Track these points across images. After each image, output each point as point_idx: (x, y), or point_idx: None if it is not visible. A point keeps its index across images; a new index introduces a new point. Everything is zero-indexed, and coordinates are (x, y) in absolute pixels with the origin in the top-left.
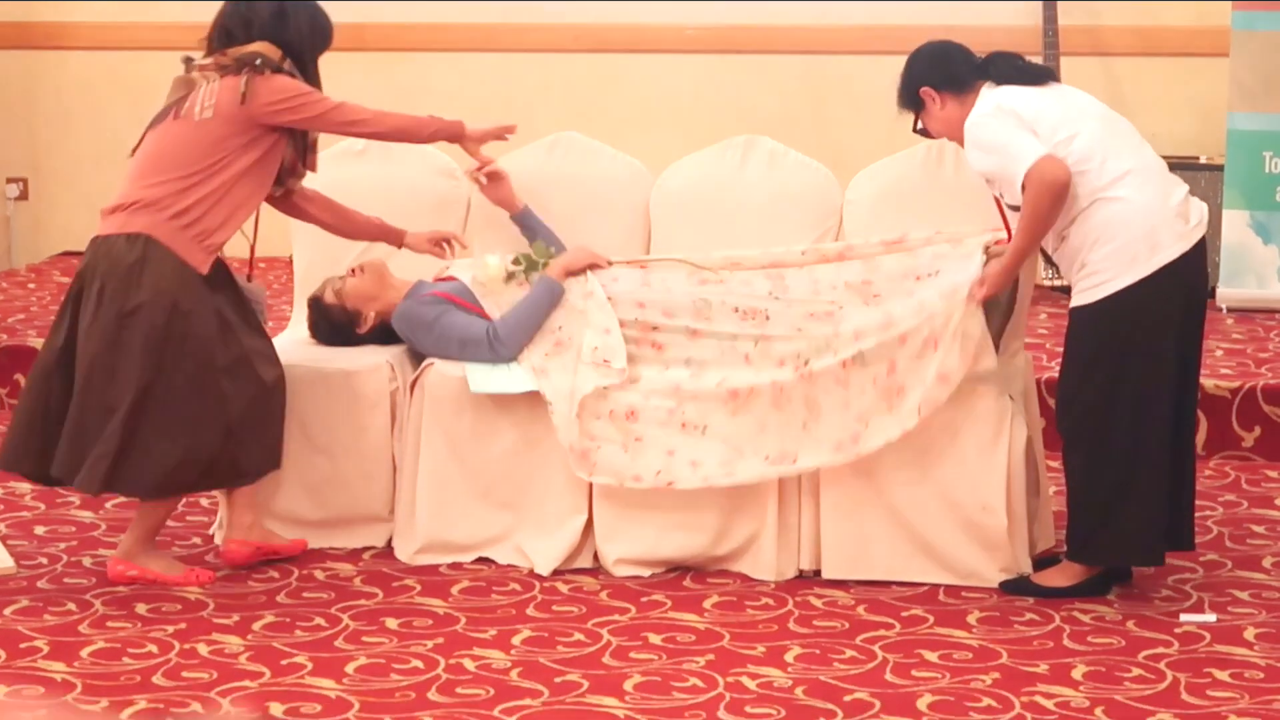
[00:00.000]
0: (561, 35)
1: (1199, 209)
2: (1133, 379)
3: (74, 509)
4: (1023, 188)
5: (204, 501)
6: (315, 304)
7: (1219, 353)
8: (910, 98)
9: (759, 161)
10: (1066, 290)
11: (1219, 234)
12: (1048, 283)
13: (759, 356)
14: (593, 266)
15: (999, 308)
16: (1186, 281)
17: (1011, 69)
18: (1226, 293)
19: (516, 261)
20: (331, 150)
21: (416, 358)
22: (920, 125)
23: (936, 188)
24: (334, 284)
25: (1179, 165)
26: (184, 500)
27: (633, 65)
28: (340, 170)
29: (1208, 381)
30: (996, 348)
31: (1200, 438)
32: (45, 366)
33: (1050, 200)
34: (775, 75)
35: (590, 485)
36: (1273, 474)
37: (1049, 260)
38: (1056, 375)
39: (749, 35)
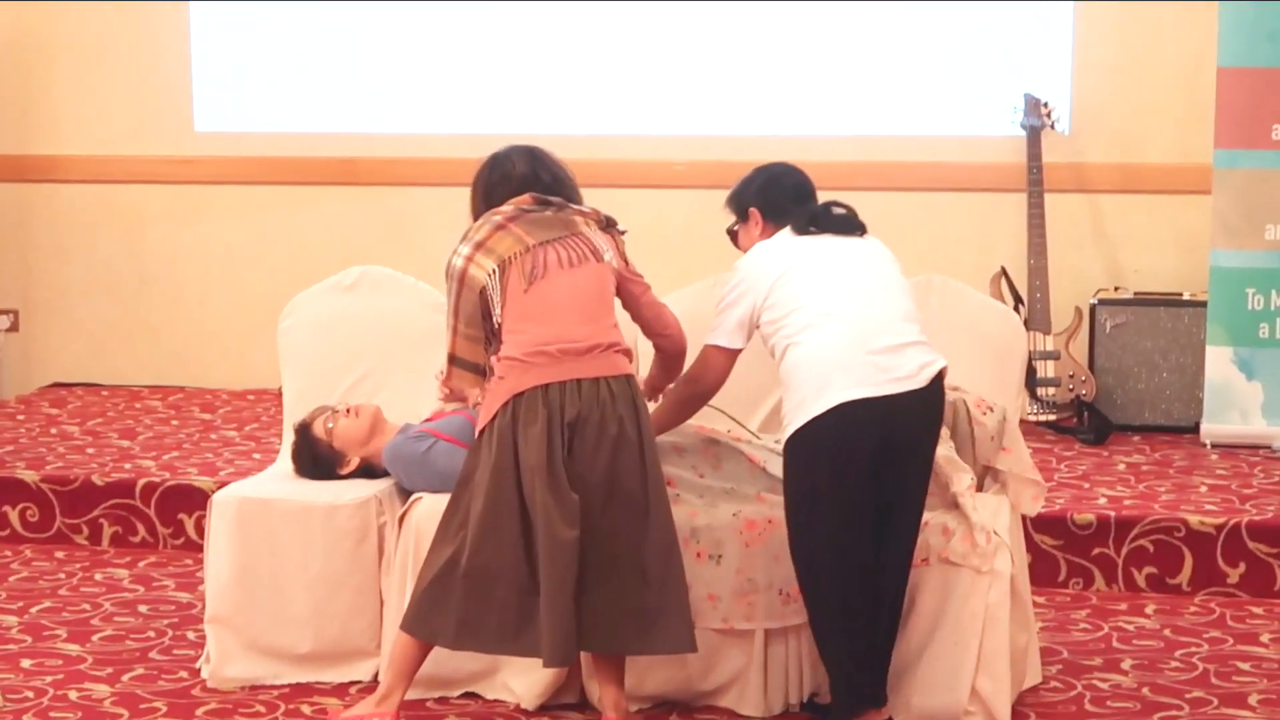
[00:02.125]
0: None
1: (917, 362)
2: (822, 528)
3: (60, 641)
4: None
5: (190, 634)
6: (304, 431)
7: (1203, 489)
8: (739, 208)
9: None
10: (1051, 425)
11: (1202, 371)
12: (1032, 417)
13: (771, 497)
14: None
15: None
16: (873, 430)
17: (810, 220)
18: (1211, 428)
19: None
20: (322, 285)
21: (404, 492)
22: (735, 230)
23: (925, 325)
24: (326, 418)
25: (1161, 302)
26: (170, 635)
27: (623, 200)
28: (330, 303)
29: (1192, 518)
30: (981, 485)
31: (1185, 574)
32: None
33: (698, 392)
34: None
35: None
36: (1258, 610)
37: (1033, 395)
38: (1043, 510)
39: (737, 171)
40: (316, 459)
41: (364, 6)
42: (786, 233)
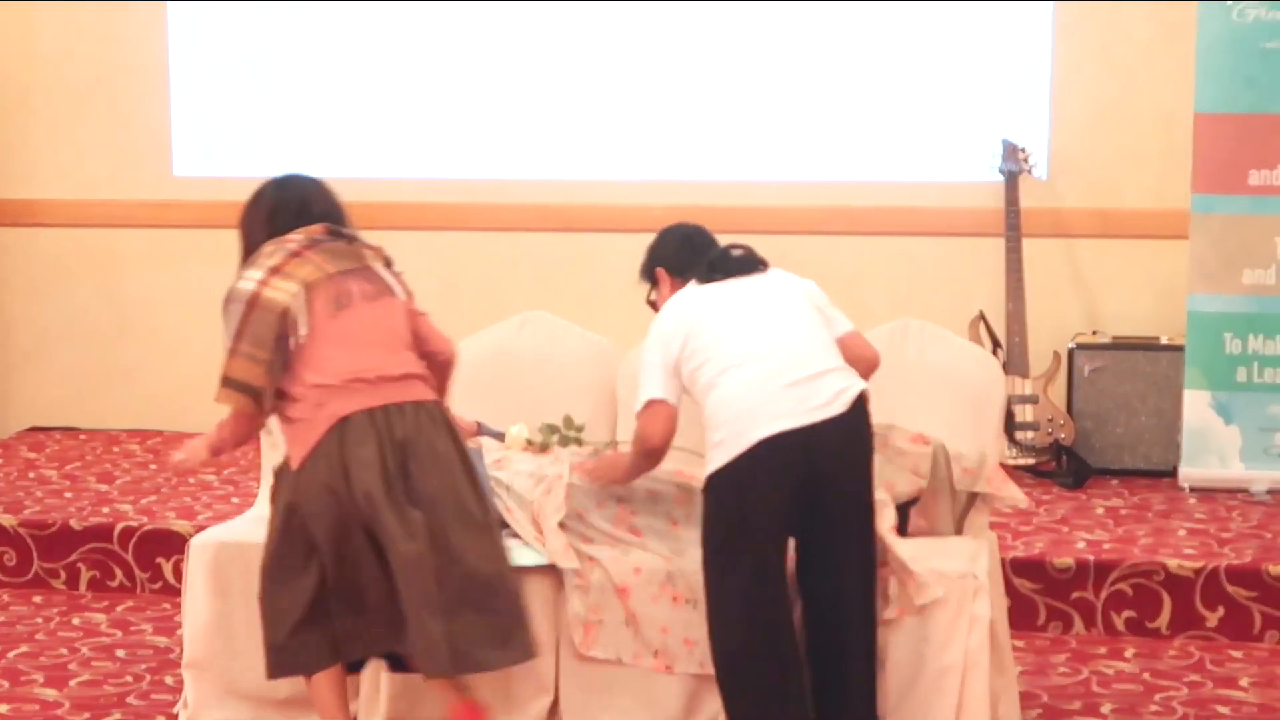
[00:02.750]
0: (531, 214)
1: (834, 388)
2: (736, 578)
3: (37, 686)
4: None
5: (168, 679)
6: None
7: (1182, 532)
8: (648, 272)
9: None
10: (1029, 468)
11: (1180, 415)
12: (1011, 461)
13: None
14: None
15: (961, 489)
16: (797, 462)
17: (709, 266)
18: (1189, 472)
19: (541, 431)
20: None
21: None
22: (653, 299)
23: (901, 370)
24: None
25: (1139, 346)
26: (148, 680)
27: (601, 244)
28: None
29: (1171, 561)
30: (960, 528)
31: (1164, 618)
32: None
33: (649, 450)
34: None
35: (557, 664)
36: (1236, 654)
37: (1011, 439)
38: (1021, 554)
39: (715, 215)
40: None
41: (342, 53)
42: (691, 284)
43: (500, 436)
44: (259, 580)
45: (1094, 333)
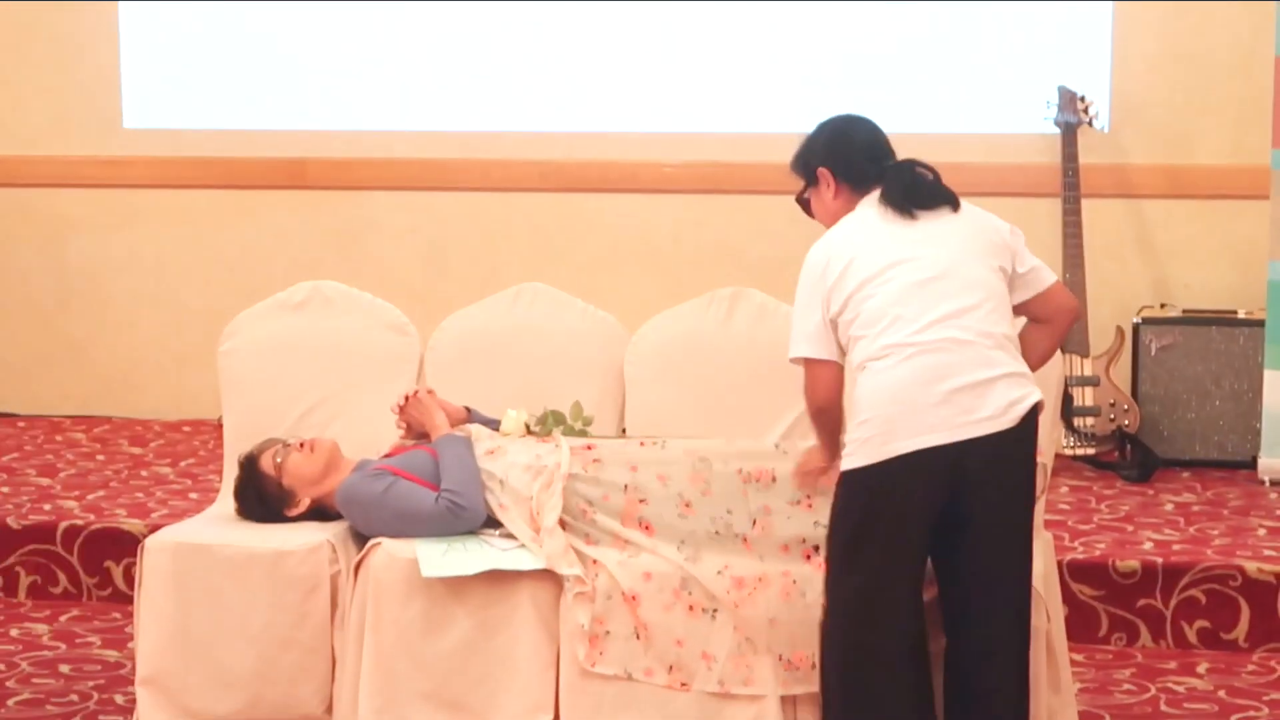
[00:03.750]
0: (527, 172)
1: (1004, 399)
2: (864, 569)
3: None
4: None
5: (119, 698)
6: (249, 466)
7: (1262, 531)
8: (806, 169)
9: (747, 316)
10: (1089, 459)
11: (1260, 398)
12: (1069, 451)
13: (759, 539)
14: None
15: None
16: (942, 482)
17: (899, 190)
18: (1270, 463)
19: (543, 419)
20: (268, 302)
21: (360, 537)
22: (806, 196)
23: None
24: (276, 451)
25: (1214, 320)
26: (96, 698)
27: (606, 205)
28: (277, 323)
29: (1249, 564)
30: None
31: (1242, 628)
32: None
33: (813, 412)
34: (764, 217)
35: (557, 680)
36: None
37: (1070, 426)
38: (1081, 556)
39: (734, 173)
40: (262, 498)
41: None
42: (869, 205)
43: (495, 424)
44: None
45: (1162, 306)
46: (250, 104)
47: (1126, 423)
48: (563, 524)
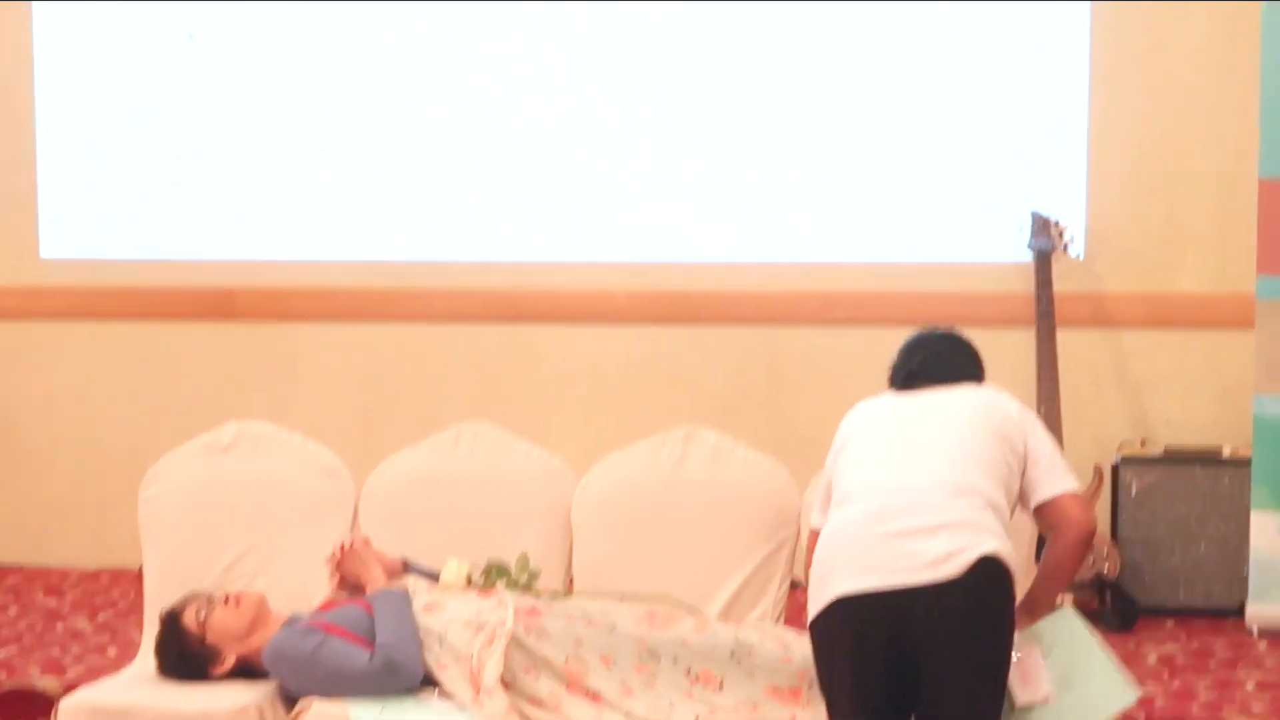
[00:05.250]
0: (470, 302)
1: (945, 548)
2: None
3: None
4: None
5: None
6: (171, 622)
7: (1250, 685)
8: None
9: (701, 458)
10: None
11: (1246, 542)
12: None
13: None
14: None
15: None
16: (879, 631)
17: (902, 376)
18: (1258, 611)
19: (486, 571)
20: (192, 444)
21: (290, 697)
22: None
23: None
24: (200, 606)
25: (1197, 459)
26: None
27: (554, 337)
28: (202, 466)
29: None
30: None
31: None
32: None
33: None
34: (721, 349)
35: None
36: None
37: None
38: None
39: (690, 303)
40: (185, 656)
41: (241, 112)
42: (887, 392)
43: (434, 576)
44: None
45: (1143, 443)
46: (176, 232)
47: (1106, 568)
48: (505, 684)
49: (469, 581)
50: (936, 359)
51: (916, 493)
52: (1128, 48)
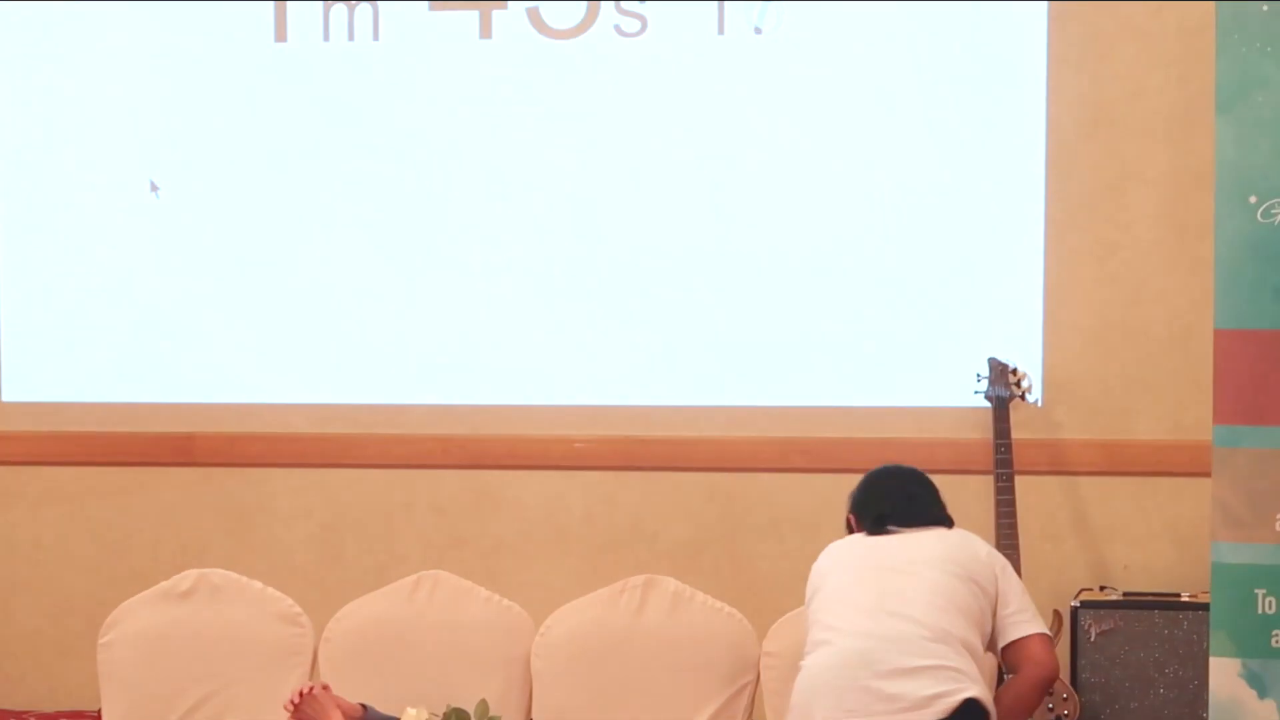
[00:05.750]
0: (429, 448)
1: (929, 690)
2: None
3: None
4: None
5: None
6: None
7: None
8: (847, 520)
9: (660, 606)
10: None
11: (1206, 687)
12: None
13: None
14: None
15: None
16: None
17: (872, 519)
18: None
19: (445, 718)
20: (152, 591)
21: None
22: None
23: None
24: None
25: (1156, 604)
26: None
27: (512, 483)
28: (161, 613)
29: None
30: None
31: None
32: None
33: None
34: (680, 494)
35: None
36: None
37: None
38: None
39: (648, 449)
40: None
41: (201, 255)
42: (859, 534)
43: None
44: None
45: (1101, 588)
46: (135, 376)
47: (1065, 713)
48: None
49: None
50: (909, 501)
51: (897, 637)
52: (1084, 196)
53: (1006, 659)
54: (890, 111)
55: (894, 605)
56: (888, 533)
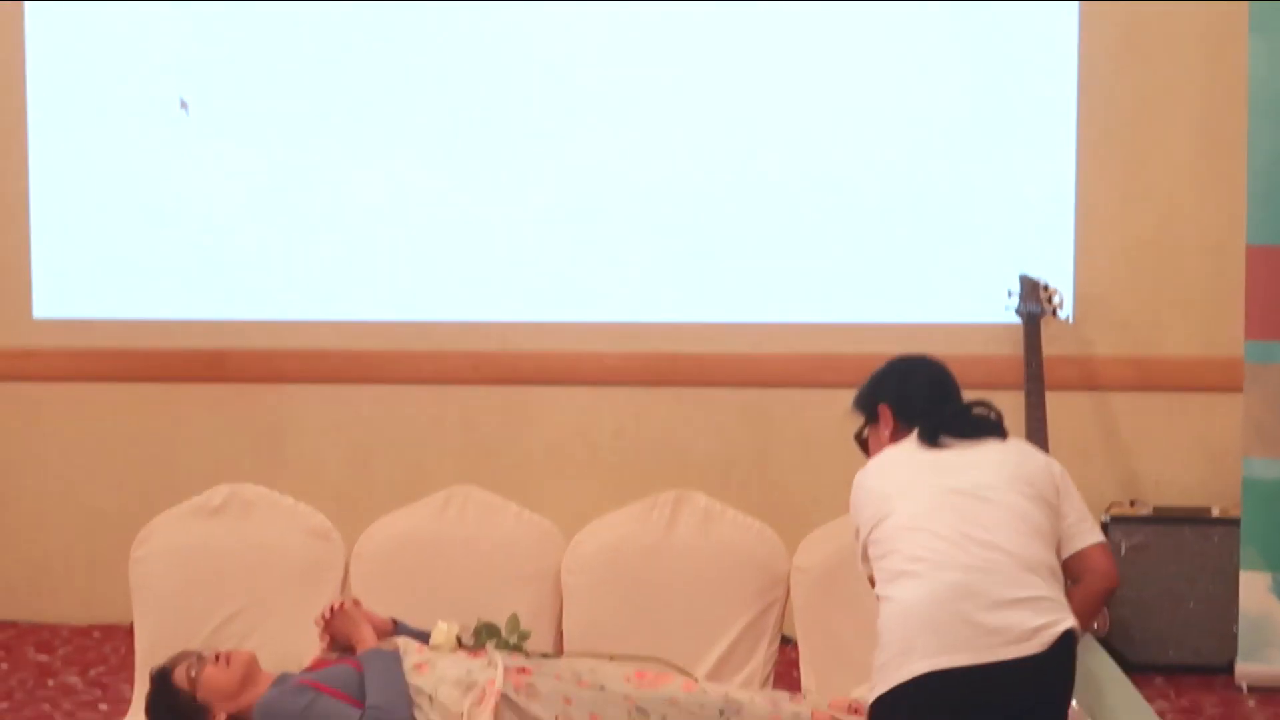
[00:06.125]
0: (459, 364)
1: (1031, 623)
2: None
3: None
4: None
5: None
6: (161, 679)
7: None
8: (868, 406)
9: (690, 522)
10: None
11: (1235, 600)
12: None
13: None
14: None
15: None
16: (967, 707)
17: (932, 428)
18: (1247, 669)
19: (477, 632)
20: (184, 507)
21: None
22: (864, 436)
23: None
24: (190, 664)
25: (1186, 519)
26: None
27: (543, 399)
28: (193, 528)
29: None
30: None
31: None
32: None
33: None
34: (710, 411)
35: None
36: None
37: None
38: None
39: (679, 365)
40: (176, 714)
41: (231, 171)
42: (910, 442)
43: (424, 637)
44: None
45: (1132, 503)
46: (167, 293)
47: (1096, 625)
48: None
49: (459, 643)
50: (965, 413)
51: (992, 569)
52: (1116, 113)
53: (1068, 570)
54: (923, 29)
55: (979, 534)
56: (941, 445)
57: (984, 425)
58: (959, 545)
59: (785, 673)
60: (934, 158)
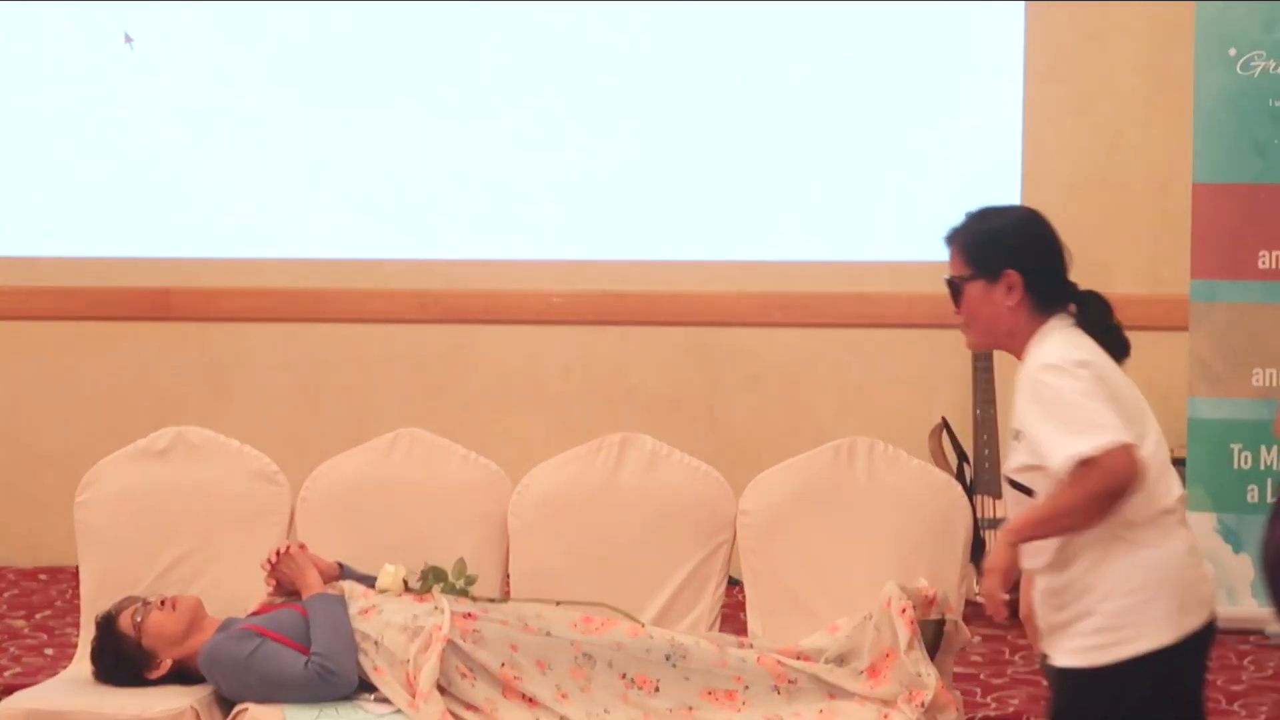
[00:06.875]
0: (406, 302)
1: (1210, 567)
2: None
3: None
4: (1079, 465)
5: None
6: (106, 624)
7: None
8: (986, 260)
9: (637, 464)
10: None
11: None
12: (979, 600)
13: None
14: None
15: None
16: (1200, 660)
17: (1102, 324)
18: None
19: (423, 576)
20: (128, 449)
21: (225, 701)
22: (957, 282)
23: (848, 497)
24: (136, 610)
25: None
26: None
27: (491, 337)
28: (138, 471)
29: None
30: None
31: None
32: None
33: (1113, 495)
34: (657, 349)
35: None
36: None
37: (981, 571)
38: (994, 713)
39: (625, 303)
40: (121, 660)
41: (177, 109)
42: (1090, 343)
43: (370, 581)
44: None
45: None
46: (111, 231)
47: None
48: (441, 689)
49: (405, 586)
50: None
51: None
52: (1062, 51)
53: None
54: None
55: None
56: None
57: (1124, 340)
58: (1181, 497)
59: (732, 615)
60: (880, 92)
